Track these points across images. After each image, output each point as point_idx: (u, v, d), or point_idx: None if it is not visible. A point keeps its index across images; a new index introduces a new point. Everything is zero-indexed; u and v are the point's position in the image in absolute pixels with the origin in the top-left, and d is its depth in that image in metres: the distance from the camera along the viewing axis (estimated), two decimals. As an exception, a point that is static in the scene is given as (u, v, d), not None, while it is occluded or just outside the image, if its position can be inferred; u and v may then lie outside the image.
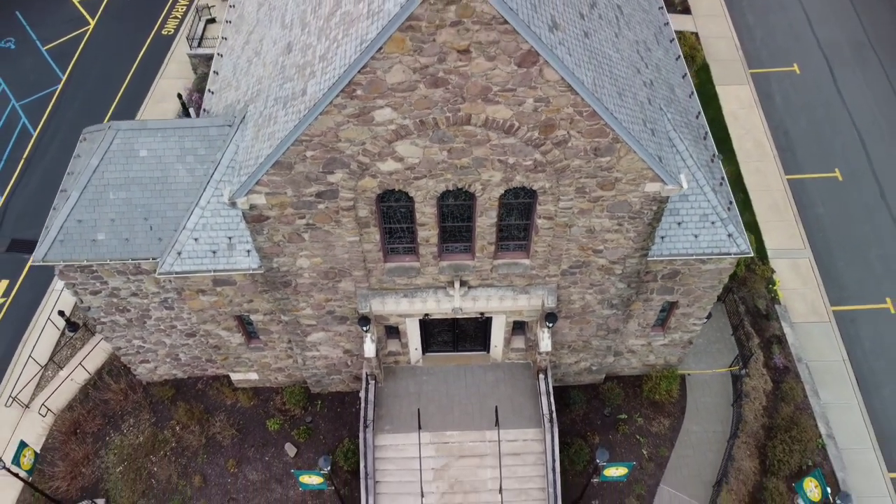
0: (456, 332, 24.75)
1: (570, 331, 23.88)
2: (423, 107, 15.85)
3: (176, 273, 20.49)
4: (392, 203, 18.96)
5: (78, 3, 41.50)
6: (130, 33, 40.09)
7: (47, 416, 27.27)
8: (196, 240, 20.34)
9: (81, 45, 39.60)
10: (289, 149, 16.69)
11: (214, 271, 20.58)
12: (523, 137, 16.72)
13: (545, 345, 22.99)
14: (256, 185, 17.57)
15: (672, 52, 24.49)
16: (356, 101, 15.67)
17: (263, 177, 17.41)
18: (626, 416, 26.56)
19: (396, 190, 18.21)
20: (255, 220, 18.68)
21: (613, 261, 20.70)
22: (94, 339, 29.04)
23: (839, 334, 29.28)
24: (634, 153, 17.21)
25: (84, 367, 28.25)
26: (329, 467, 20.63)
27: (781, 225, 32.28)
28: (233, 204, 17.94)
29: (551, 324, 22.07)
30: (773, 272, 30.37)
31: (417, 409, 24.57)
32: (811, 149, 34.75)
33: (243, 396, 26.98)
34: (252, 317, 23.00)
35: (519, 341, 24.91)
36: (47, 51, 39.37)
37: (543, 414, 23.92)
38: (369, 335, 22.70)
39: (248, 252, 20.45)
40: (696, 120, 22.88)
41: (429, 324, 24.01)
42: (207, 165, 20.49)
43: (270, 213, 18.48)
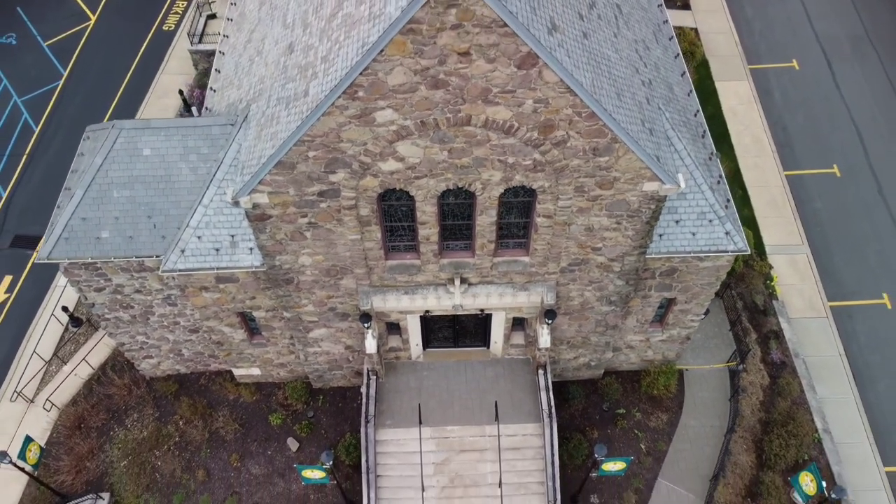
0: (456, 329, 25.00)
1: (569, 327, 24.13)
2: (424, 108, 16.04)
3: (179, 271, 20.72)
4: (393, 202, 19.17)
5: (79, -2, 41.68)
6: (131, 29, 40.20)
7: (52, 411, 27.57)
8: (199, 238, 20.55)
9: (82, 41, 39.71)
10: (291, 149, 16.89)
11: (217, 269, 20.79)
12: (523, 138, 16.92)
13: (544, 341, 23.26)
14: (259, 184, 17.77)
15: (671, 50, 24.63)
16: (358, 102, 15.87)
17: (266, 176, 17.61)
18: (625, 411, 26.85)
19: (397, 189, 18.41)
20: (257, 218, 18.90)
21: (612, 258, 20.93)
22: (98, 334, 29.31)
23: (836, 330, 29.55)
24: (633, 153, 17.41)
25: (88, 363, 28.54)
26: (331, 462, 20.92)
27: (779, 221, 32.50)
28: (236, 203, 18.17)
29: (550, 320, 22.31)
30: (771, 268, 30.60)
31: (418, 404, 24.86)
32: (809, 145, 34.93)
33: (246, 391, 27.27)
34: (254, 313, 23.25)
35: (518, 337, 25.17)
36: (48, 46, 39.48)
37: (543, 409, 24.19)
38: (370, 331, 22.95)
39: (251, 250, 20.67)
40: (694, 118, 23.06)
41: (429, 320, 24.26)
42: (210, 164, 20.68)
43: (273, 211, 18.69)
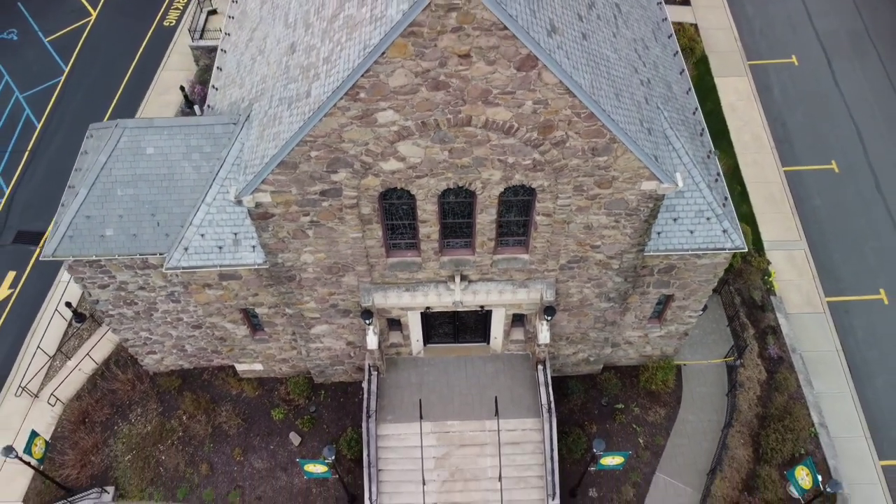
0: (456, 325, 25.25)
1: (568, 323, 24.38)
2: (425, 109, 16.23)
3: (183, 268, 20.95)
4: (394, 200, 19.38)
5: (79, -7, 41.74)
6: (132, 24, 40.26)
7: (56, 406, 27.83)
8: (202, 236, 20.77)
9: (83, 37, 39.79)
10: (294, 149, 17.10)
11: (220, 266, 21.02)
12: (522, 138, 17.12)
13: (544, 337, 23.50)
14: (262, 184, 17.98)
15: (670, 48, 24.77)
16: (359, 103, 16.06)
17: (269, 176, 17.82)
18: (623, 406, 27.11)
19: (398, 188, 18.62)
20: (260, 217, 19.12)
21: (611, 256, 21.16)
22: (101, 329, 29.55)
23: (833, 325, 29.78)
24: (631, 153, 17.61)
25: (91, 358, 28.78)
26: (333, 457, 21.20)
27: (778, 217, 32.69)
28: (239, 202, 18.38)
29: (550, 317, 22.56)
30: (769, 264, 30.81)
31: (419, 399, 25.13)
32: (808, 141, 35.08)
33: (248, 386, 27.54)
34: (257, 310, 23.49)
35: (518, 333, 25.42)
36: (49, 42, 39.56)
37: (542, 404, 24.46)
38: (372, 328, 23.19)
39: (254, 248, 20.89)
40: (692, 116, 23.22)
41: (430, 316, 24.51)
42: (213, 163, 20.88)
43: (275, 210, 18.91)
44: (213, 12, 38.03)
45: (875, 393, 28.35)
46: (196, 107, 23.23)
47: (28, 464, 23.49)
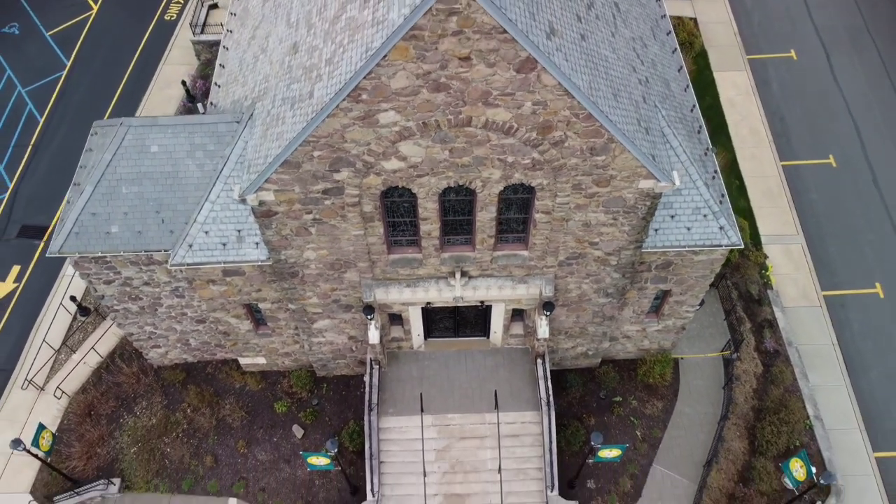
0: (457, 319, 25.59)
1: (567, 318, 24.72)
2: (426, 110, 16.50)
3: (187, 264, 21.26)
4: (396, 199, 19.68)
5: (80, -13, 41.81)
6: (133, 19, 40.36)
7: (62, 399, 28.21)
8: (206, 233, 21.07)
9: (85, 31, 39.90)
10: (297, 149, 17.37)
11: (224, 263, 21.34)
12: (522, 138, 17.39)
13: (543, 331, 23.84)
14: (266, 182, 18.27)
15: (669, 45, 24.97)
16: (361, 104, 16.32)
17: (272, 175, 18.11)
18: (621, 399, 27.50)
19: (400, 187, 18.92)
20: (263, 215, 19.42)
21: (609, 252, 21.47)
22: (106, 323, 29.89)
23: (829, 319, 30.10)
24: (629, 152, 17.88)
25: (96, 351, 29.15)
26: (336, 449, 21.59)
27: (775, 211, 32.96)
28: (243, 200, 18.66)
29: (549, 312, 22.90)
30: (766, 258, 31.11)
31: (420, 392, 25.52)
32: (806, 135, 35.29)
33: (251, 380, 27.92)
34: (260, 305, 23.82)
35: (518, 327, 25.76)
36: (51, 36, 39.69)
37: (541, 397, 24.84)
38: (373, 322, 23.54)
39: (257, 244, 21.20)
40: (690, 113, 23.44)
41: (431, 311, 24.85)
42: (217, 161, 21.15)
43: (279, 208, 19.20)
44: (214, 6, 38.15)
45: (870, 385, 28.72)
46: (199, 104, 23.40)
47: (35, 456, 23.92)
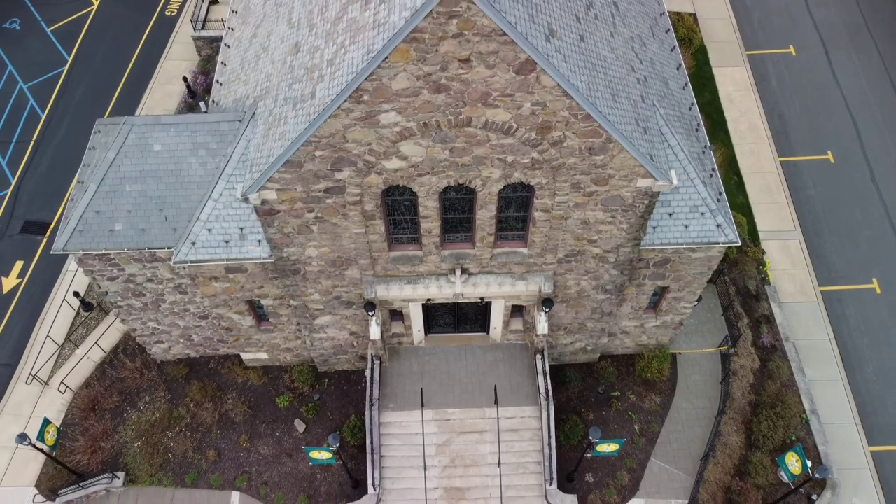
0: (457, 315, 25.85)
1: (566, 314, 24.97)
2: (427, 110, 16.70)
3: (190, 262, 21.49)
4: (396, 197, 19.89)
5: (81, -17, 41.86)
6: (133, 14, 40.44)
7: (66, 393, 28.48)
8: (209, 230, 21.29)
9: (86, 26, 39.98)
10: (299, 149, 17.58)
11: (227, 260, 21.57)
12: (521, 138, 17.60)
13: (542, 327, 24.10)
14: (268, 182, 18.48)
15: (667, 43, 25.11)
16: (363, 105, 16.52)
17: (275, 174, 18.31)
18: (620, 394, 27.79)
19: (401, 185, 19.13)
20: (266, 213, 19.64)
21: (607, 250, 21.70)
22: (109, 318, 30.13)
23: (826, 314, 30.37)
24: (627, 152, 18.08)
25: (100, 346, 29.40)
26: (338, 444, 21.87)
27: (773, 207, 33.17)
28: (245, 199, 18.88)
29: (548, 308, 23.14)
30: (764, 253, 31.34)
31: (420, 387, 25.80)
32: (805, 131, 35.46)
33: (254, 375, 28.19)
34: (262, 301, 24.07)
35: (517, 323, 26.02)
36: (52, 32, 39.77)
37: (540, 392, 25.12)
38: (374, 319, 23.78)
39: (259, 242, 21.42)
40: (688, 111, 23.62)
41: (431, 307, 25.10)
42: (219, 159, 21.34)
43: (281, 207, 19.42)
44: (215, 2, 38.26)
45: (866, 380, 29.00)
46: (202, 103, 23.60)
47: (41, 450, 24.19)
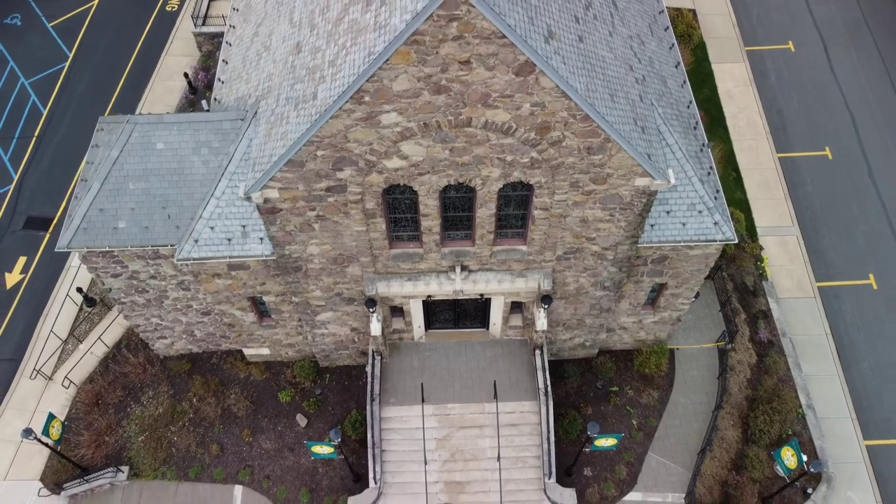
0: (457, 311, 26.10)
1: (564, 310, 25.22)
2: (427, 111, 16.90)
3: (193, 259, 21.72)
4: (397, 196, 20.11)
5: (82, -22, 41.89)
6: (134, 10, 40.50)
7: (70, 388, 28.76)
8: (212, 228, 21.51)
9: (86, 22, 40.06)
10: (301, 149, 17.78)
11: (229, 257, 21.80)
12: (521, 138, 17.80)
13: (541, 323, 24.35)
14: (270, 181, 18.69)
15: (666, 42, 25.26)
16: (364, 106, 16.72)
17: (277, 173, 18.52)
18: (618, 389, 28.07)
19: (401, 184, 19.34)
20: (268, 211, 19.86)
21: (606, 247, 21.93)
22: (112, 313, 30.39)
23: (823, 309, 30.62)
24: (625, 151, 18.29)
25: (103, 341, 29.66)
26: (339, 439, 22.16)
27: (771, 202, 33.36)
28: (248, 198, 19.09)
29: (547, 304, 23.39)
30: (762, 249, 31.57)
31: (421, 382, 26.08)
32: (803, 127, 35.61)
33: (256, 370, 28.47)
34: (264, 298, 24.32)
35: (516, 319, 26.27)
36: (53, 27, 39.85)
37: (539, 387, 25.39)
38: (375, 315, 24.04)
39: (262, 240, 21.64)
40: (687, 110, 23.80)
41: (431, 304, 25.36)
42: (221, 157, 21.55)
43: (283, 205, 19.64)
44: (216, -2, 38.31)
45: (862, 375, 29.27)
46: (203, 101, 23.75)
47: (46, 444, 24.50)
